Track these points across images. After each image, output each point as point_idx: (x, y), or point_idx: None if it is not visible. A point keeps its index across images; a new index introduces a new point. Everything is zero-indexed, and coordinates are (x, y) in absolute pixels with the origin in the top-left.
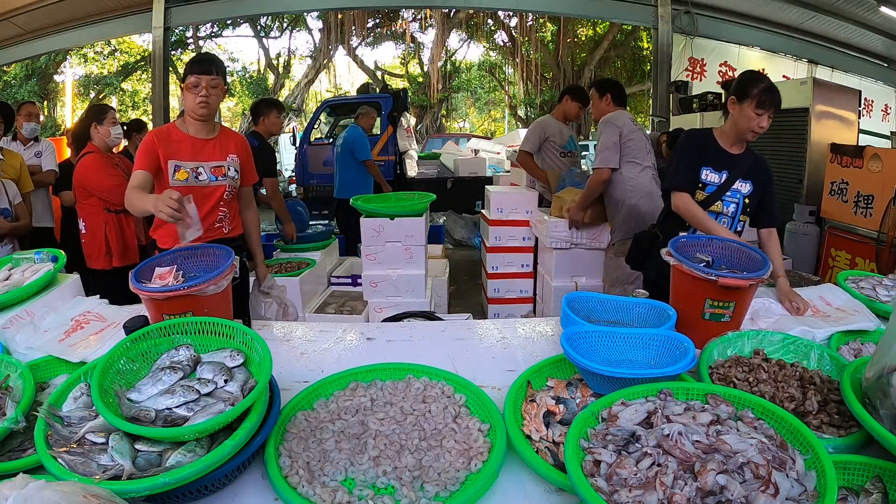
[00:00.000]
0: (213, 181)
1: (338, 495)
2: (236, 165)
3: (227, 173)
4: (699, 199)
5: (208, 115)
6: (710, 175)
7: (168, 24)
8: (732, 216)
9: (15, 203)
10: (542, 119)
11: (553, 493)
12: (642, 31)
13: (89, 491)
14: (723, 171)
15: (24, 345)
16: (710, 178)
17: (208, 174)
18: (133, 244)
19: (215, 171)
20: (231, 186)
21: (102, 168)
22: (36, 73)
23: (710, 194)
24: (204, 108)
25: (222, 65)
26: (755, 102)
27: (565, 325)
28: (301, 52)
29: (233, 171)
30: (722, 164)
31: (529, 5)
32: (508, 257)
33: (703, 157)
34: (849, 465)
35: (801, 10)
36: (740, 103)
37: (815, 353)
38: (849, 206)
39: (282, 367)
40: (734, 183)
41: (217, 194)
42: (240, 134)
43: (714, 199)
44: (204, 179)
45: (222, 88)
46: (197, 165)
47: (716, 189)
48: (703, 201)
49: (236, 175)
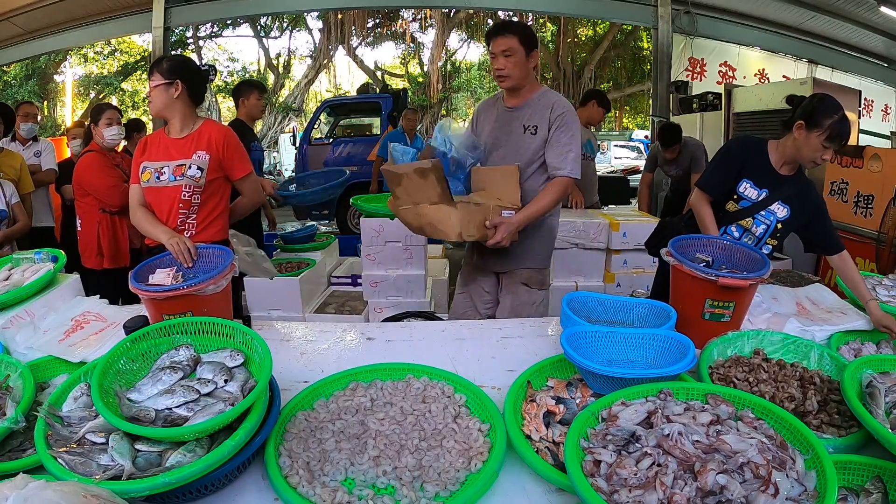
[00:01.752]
0: (172, 181)
1: (338, 495)
2: (202, 163)
3: (186, 172)
4: (732, 209)
5: (155, 115)
6: (749, 189)
7: (168, 24)
8: (760, 237)
9: (12, 203)
10: None
11: (553, 493)
12: (642, 31)
13: (89, 491)
14: (763, 188)
15: (24, 345)
16: (748, 193)
17: (169, 173)
18: (125, 247)
19: (176, 170)
20: (189, 186)
21: (100, 168)
22: (36, 73)
23: (743, 208)
24: (162, 107)
25: (168, 64)
26: (826, 136)
27: (565, 325)
28: (301, 52)
29: (194, 170)
30: (765, 182)
31: (529, 5)
32: None
33: (747, 169)
34: (849, 464)
35: (801, 9)
36: (809, 131)
37: (815, 353)
38: (849, 206)
39: (282, 367)
40: (772, 204)
41: (174, 195)
42: (223, 127)
43: (746, 214)
44: (164, 179)
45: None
46: (162, 165)
47: (751, 205)
48: (734, 213)
49: (199, 174)
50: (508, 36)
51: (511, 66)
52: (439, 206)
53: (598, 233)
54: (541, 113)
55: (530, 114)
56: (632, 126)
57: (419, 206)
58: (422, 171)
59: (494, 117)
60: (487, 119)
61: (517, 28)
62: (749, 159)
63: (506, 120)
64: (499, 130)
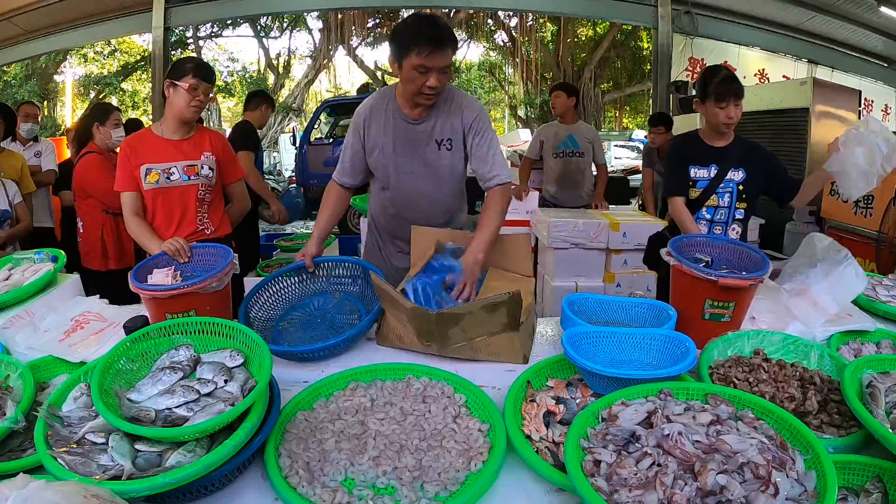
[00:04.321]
0: (186, 180)
1: (338, 495)
2: (211, 163)
3: (199, 172)
4: (694, 196)
5: (195, 119)
6: (699, 171)
7: (168, 25)
8: (728, 206)
9: (15, 203)
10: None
11: (553, 493)
12: (642, 31)
13: (89, 491)
14: (710, 165)
15: (24, 345)
16: (699, 174)
17: (181, 174)
18: (130, 247)
19: (188, 170)
20: (205, 185)
21: (102, 169)
22: (36, 73)
23: (703, 190)
24: (197, 113)
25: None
26: (714, 97)
27: (566, 326)
28: (301, 52)
29: (206, 170)
30: (709, 160)
31: (529, 5)
32: None
33: (689, 158)
34: (849, 465)
35: (802, 10)
36: (704, 103)
37: (816, 353)
38: (849, 206)
39: (282, 367)
40: (727, 174)
41: (190, 193)
42: (217, 132)
43: (709, 193)
44: (176, 179)
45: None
46: (169, 166)
47: (708, 183)
48: (699, 197)
49: (210, 173)
50: (452, 49)
51: (444, 83)
52: (501, 335)
53: (598, 233)
54: (450, 122)
55: (440, 125)
56: (632, 126)
57: (475, 341)
58: (492, 306)
59: (393, 129)
60: (384, 130)
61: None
62: (688, 149)
63: (411, 135)
64: (405, 147)
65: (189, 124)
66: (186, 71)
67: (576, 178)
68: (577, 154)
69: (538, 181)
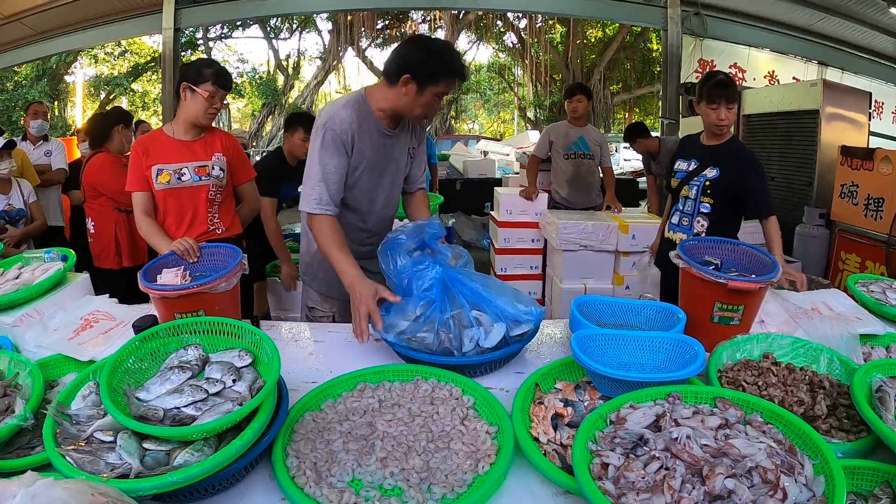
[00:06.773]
0: (197, 181)
1: (345, 496)
2: (222, 164)
3: (210, 172)
4: (674, 185)
5: (210, 123)
6: (681, 164)
7: (178, 26)
8: (694, 198)
9: (30, 202)
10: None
11: (560, 496)
12: (652, 32)
13: (97, 489)
14: (692, 159)
15: (34, 343)
16: (680, 166)
17: (192, 174)
18: (143, 245)
19: (199, 170)
20: (216, 185)
21: (113, 168)
22: (47, 73)
23: (680, 180)
24: (212, 119)
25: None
26: (707, 100)
27: (574, 328)
28: (310, 53)
29: (217, 170)
30: (693, 154)
31: (538, 7)
32: (517, 259)
33: (682, 151)
34: (858, 469)
35: (811, 11)
36: (699, 104)
37: (825, 357)
38: (859, 209)
39: (290, 367)
40: (704, 170)
41: (201, 194)
42: (226, 132)
43: (683, 184)
44: (187, 180)
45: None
46: (180, 167)
47: (685, 175)
48: (677, 187)
49: (221, 174)
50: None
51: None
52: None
53: (607, 235)
54: (409, 132)
55: (407, 135)
56: None
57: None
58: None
59: (374, 146)
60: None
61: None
62: (684, 145)
63: (387, 145)
64: (378, 156)
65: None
66: (206, 77)
67: (587, 181)
68: (587, 156)
69: (545, 182)
